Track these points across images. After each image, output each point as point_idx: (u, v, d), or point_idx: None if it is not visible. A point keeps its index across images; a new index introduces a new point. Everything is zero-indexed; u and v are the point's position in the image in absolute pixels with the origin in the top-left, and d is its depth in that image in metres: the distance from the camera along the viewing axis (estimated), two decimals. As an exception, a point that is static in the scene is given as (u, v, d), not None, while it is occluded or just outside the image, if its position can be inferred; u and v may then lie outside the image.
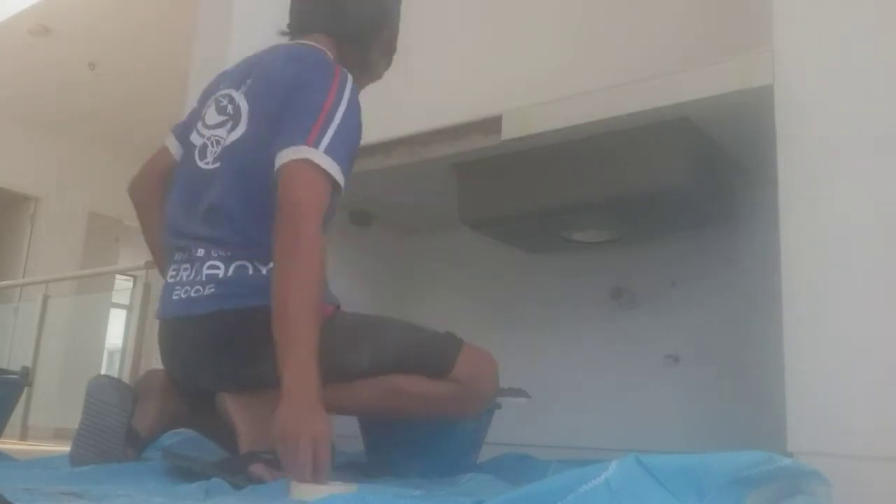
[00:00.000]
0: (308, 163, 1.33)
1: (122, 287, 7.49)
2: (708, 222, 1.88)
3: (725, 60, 1.50)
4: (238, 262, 1.43)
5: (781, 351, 1.29)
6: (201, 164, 1.54)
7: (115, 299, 6.91)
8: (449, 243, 2.32)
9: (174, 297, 1.48)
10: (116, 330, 6.89)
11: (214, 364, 1.46)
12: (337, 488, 1.12)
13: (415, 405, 1.47)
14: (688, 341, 1.93)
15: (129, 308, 6.39)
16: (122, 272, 7.50)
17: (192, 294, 1.45)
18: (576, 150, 1.74)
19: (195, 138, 1.58)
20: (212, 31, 2.50)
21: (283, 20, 1.69)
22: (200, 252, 1.46)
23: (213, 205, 1.47)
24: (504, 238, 2.11)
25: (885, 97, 1.30)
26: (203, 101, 1.66)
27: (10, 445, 2.98)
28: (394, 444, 1.64)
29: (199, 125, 1.59)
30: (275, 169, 1.35)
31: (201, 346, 1.46)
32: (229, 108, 1.56)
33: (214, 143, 1.54)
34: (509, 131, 1.77)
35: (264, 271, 1.43)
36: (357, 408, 1.49)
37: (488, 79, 2.20)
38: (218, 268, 1.43)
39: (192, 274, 1.46)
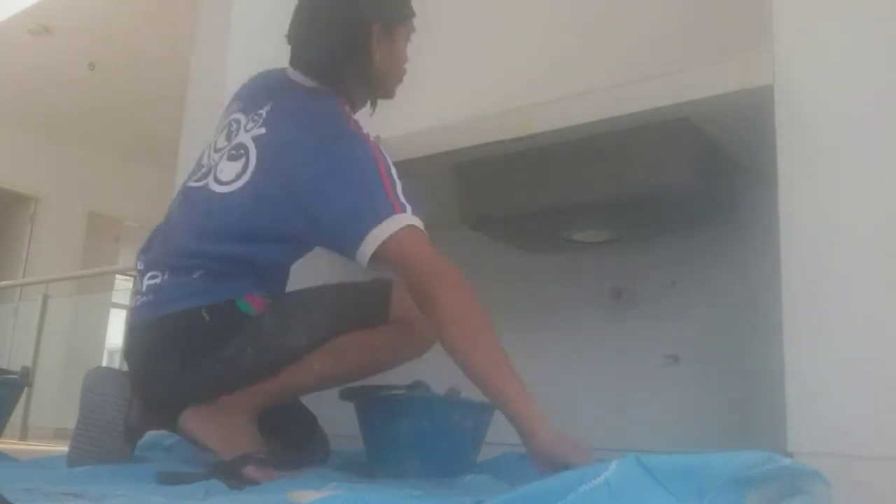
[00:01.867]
0: (410, 229, 1.33)
1: (122, 287, 7.48)
2: (708, 222, 1.87)
3: (725, 60, 1.50)
4: (171, 271, 1.45)
5: (781, 351, 1.29)
6: (188, 182, 1.58)
7: (115, 299, 6.91)
8: (449, 243, 2.31)
9: (135, 306, 1.52)
10: (116, 330, 6.88)
11: (161, 369, 1.47)
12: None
13: (368, 358, 1.48)
14: (688, 341, 1.92)
15: (129, 308, 6.38)
16: (122, 272, 7.50)
17: (138, 303, 1.48)
18: (576, 150, 1.74)
19: (205, 159, 1.60)
20: (212, 31, 2.50)
21: (283, 19, 1.68)
22: (140, 266, 1.51)
23: (170, 226, 1.53)
24: (504, 238, 2.11)
25: (886, 97, 1.30)
26: (221, 121, 1.65)
27: (10, 445, 2.98)
28: (394, 443, 1.64)
29: (211, 149, 1.60)
30: (374, 246, 1.32)
31: (149, 351, 1.48)
32: (234, 135, 1.55)
33: (208, 166, 1.57)
34: (509, 131, 1.77)
35: (196, 276, 1.43)
36: (314, 382, 1.49)
37: (488, 79, 2.20)
38: (156, 277, 1.46)
39: (139, 285, 1.50)
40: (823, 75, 1.37)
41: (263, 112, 1.53)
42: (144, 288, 1.47)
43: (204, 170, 1.56)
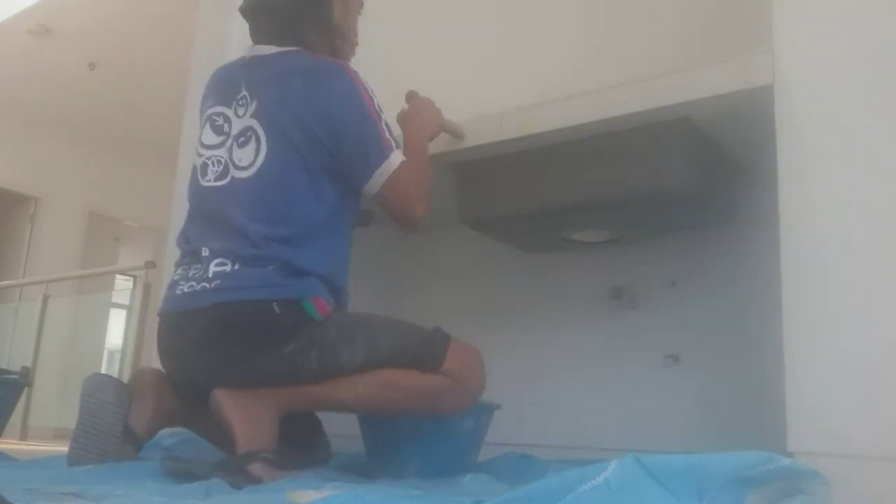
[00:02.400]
0: (401, 165, 1.56)
1: (122, 287, 7.49)
2: (708, 222, 1.87)
3: (725, 60, 1.50)
4: (244, 260, 1.48)
5: (781, 351, 1.29)
6: (203, 183, 1.60)
7: (115, 299, 6.91)
8: (449, 243, 2.32)
9: (178, 293, 1.52)
10: (116, 330, 6.89)
11: (214, 356, 1.48)
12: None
13: (408, 399, 1.49)
14: (688, 341, 1.92)
15: (129, 308, 6.39)
16: (122, 272, 7.51)
17: (197, 288, 1.49)
18: (576, 150, 1.74)
19: (195, 159, 1.65)
20: (211, 32, 2.50)
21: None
22: (206, 252, 1.51)
23: (225, 220, 1.53)
24: (504, 238, 2.11)
25: (886, 97, 1.30)
26: (200, 120, 1.70)
27: (10, 445, 2.98)
28: (394, 444, 1.64)
29: (198, 146, 1.65)
30: (379, 185, 1.56)
31: (203, 337, 1.48)
32: (225, 126, 1.60)
33: (216, 162, 1.60)
34: (509, 131, 1.77)
35: (270, 269, 1.47)
36: (353, 401, 1.50)
37: (489, 78, 2.20)
38: (225, 264, 1.48)
39: (201, 272, 1.50)
40: (823, 75, 1.37)
41: (244, 92, 1.60)
42: (211, 274, 1.48)
43: (220, 168, 1.58)
